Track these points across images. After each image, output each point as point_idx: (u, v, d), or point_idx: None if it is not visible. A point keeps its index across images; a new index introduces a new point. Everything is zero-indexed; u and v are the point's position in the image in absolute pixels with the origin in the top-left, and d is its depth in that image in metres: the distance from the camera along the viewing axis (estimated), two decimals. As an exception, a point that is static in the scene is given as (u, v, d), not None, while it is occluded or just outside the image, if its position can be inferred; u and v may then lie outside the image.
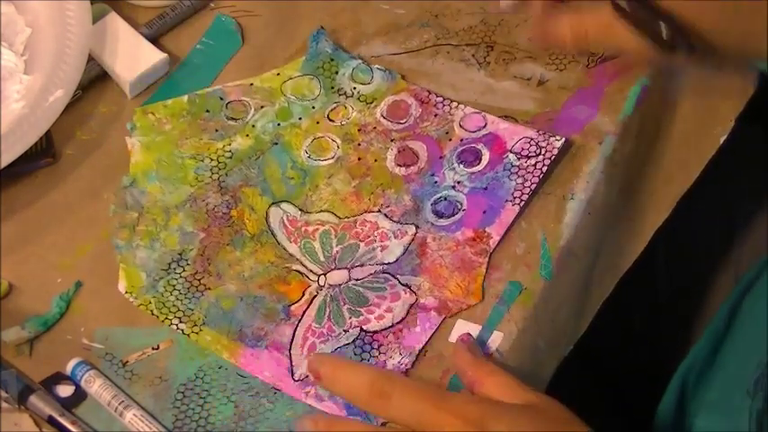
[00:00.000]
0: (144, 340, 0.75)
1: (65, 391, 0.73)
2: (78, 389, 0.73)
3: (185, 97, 0.86)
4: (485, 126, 0.81)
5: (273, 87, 0.86)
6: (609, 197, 0.81)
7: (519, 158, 0.80)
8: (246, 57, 0.88)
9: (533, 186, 0.78)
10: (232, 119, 0.85)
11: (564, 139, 0.80)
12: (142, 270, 0.78)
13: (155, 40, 0.88)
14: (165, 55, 0.86)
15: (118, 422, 0.72)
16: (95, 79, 0.86)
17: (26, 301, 0.77)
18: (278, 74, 0.86)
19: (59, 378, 0.73)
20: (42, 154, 0.82)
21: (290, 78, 0.86)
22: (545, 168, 0.79)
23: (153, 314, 0.76)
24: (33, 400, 0.71)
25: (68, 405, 0.72)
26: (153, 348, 0.75)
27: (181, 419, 0.72)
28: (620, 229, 0.83)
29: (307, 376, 0.73)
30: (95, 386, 0.72)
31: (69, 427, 0.70)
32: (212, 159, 0.83)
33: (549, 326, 0.77)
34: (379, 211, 0.79)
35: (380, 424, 0.70)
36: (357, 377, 0.68)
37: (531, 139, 0.80)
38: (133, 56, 0.86)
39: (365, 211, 0.80)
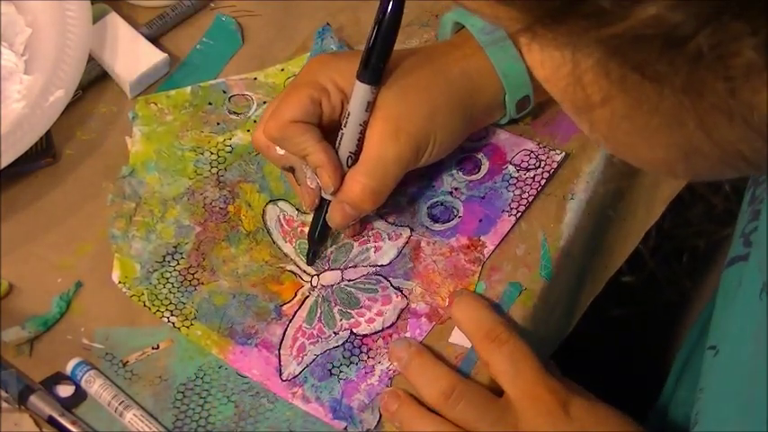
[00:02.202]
0: (144, 340, 0.75)
1: (65, 391, 0.73)
2: (78, 389, 0.73)
3: (188, 88, 0.86)
4: (486, 136, 0.81)
5: (277, 83, 0.86)
6: (607, 197, 0.81)
7: (518, 170, 0.80)
8: (246, 57, 0.88)
9: (531, 199, 0.78)
10: (234, 113, 0.85)
11: (564, 153, 0.80)
12: (137, 261, 0.78)
13: (155, 40, 0.88)
14: (165, 55, 0.86)
15: (118, 422, 0.72)
16: (95, 79, 0.86)
17: (26, 301, 0.77)
18: (282, 69, 0.86)
19: (59, 378, 0.73)
20: (42, 154, 0.82)
21: (294, 75, 0.86)
22: (543, 182, 0.79)
23: (145, 306, 0.76)
24: (33, 400, 0.71)
25: (68, 405, 0.72)
26: (153, 348, 0.75)
27: (181, 419, 0.72)
28: (613, 230, 0.83)
29: (295, 376, 0.73)
30: (95, 386, 0.73)
31: (69, 427, 0.70)
32: (212, 153, 0.83)
33: (543, 326, 0.77)
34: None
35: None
36: (437, 376, 0.71)
37: (532, 151, 0.80)
38: (133, 56, 0.86)
39: None
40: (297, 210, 0.80)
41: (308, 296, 0.76)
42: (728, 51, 0.39)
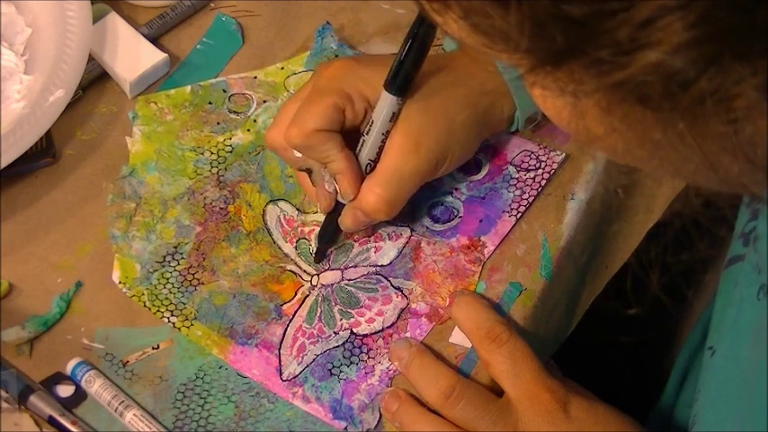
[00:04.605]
0: (144, 340, 0.75)
1: (65, 391, 0.73)
2: (78, 389, 0.73)
3: (188, 88, 0.85)
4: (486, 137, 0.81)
5: (277, 82, 0.86)
6: (608, 197, 0.81)
7: (518, 171, 0.80)
8: (247, 56, 0.88)
9: (531, 199, 0.78)
10: (234, 112, 0.85)
11: (564, 154, 0.80)
12: (137, 261, 0.78)
13: (155, 40, 0.88)
14: (165, 55, 0.86)
15: (118, 422, 0.72)
16: (95, 79, 0.86)
17: (26, 301, 0.77)
18: (282, 68, 0.86)
19: (59, 378, 0.73)
20: (42, 154, 0.82)
21: (294, 74, 0.86)
22: (544, 182, 0.79)
23: (145, 306, 0.76)
24: (33, 400, 0.71)
25: (68, 405, 0.72)
26: (153, 348, 0.75)
27: (181, 419, 0.72)
28: (614, 230, 0.83)
29: (295, 376, 0.73)
30: (95, 386, 0.72)
31: (69, 427, 0.70)
32: (212, 153, 0.83)
33: (544, 326, 0.77)
34: None
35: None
36: (437, 376, 0.71)
37: (532, 152, 0.80)
38: (133, 56, 0.86)
39: None
40: (297, 210, 0.80)
41: (308, 295, 0.76)
42: (731, 93, 0.39)
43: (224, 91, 0.85)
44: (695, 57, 0.38)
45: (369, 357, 0.74)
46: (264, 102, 0.85)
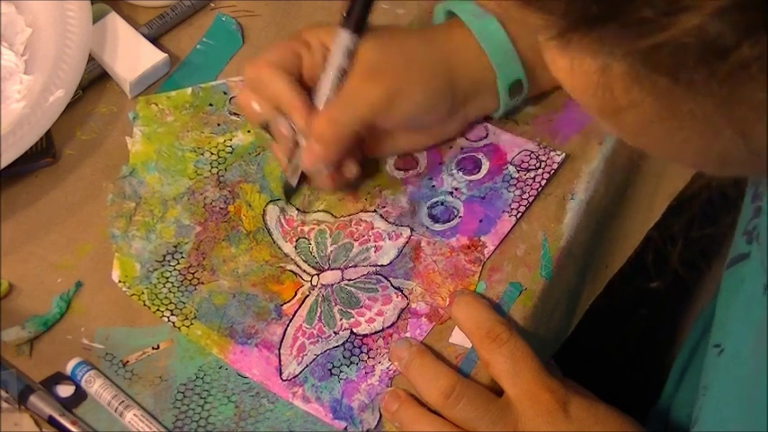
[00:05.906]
0: (144, 340, 0.75)
1: (65, 391, 0.73)
2: (78, 389, 0.73)
3: (189, 89, 0.86)
4: (486, 136, 0.81)
5: (276, 83, 0.86)
6: (608, 197, 0.81)
7: (518, 171, 0.80)
8: (247, 57, 0.88)
9: (531, 199, 0.78)
10: (234, 114, 0.85)
11: (564, 154, 0.80)
12: (137, 260, 0.78)
13: (155, 40, 0.88)
14: (166, 55, 0.86)
15: (118, 422, 0.72)
16: (95, 79, 0.86)
17: (26, 301, 0.77)
18: (282, 69, 0.87)
19: (59, 378, 0.73)
20: (42, 154, 0.82)
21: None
22: (544, 182, 0.79)
23: (145, 305, 0.76)
24: (33, 400, 0.71)
25: (68, 405, 0.72)
26: (153, 348, 0.75)
27: (181, 419, 0.72)
28: (614, 229, 0.83)
29: (295, 376, 0.73)
30: (95, 386, 0.73)
31: (69, 427, 0.70)
32: (212, 153, 0.83)
33: (544, 326, 0.77)
34: (375, 211, 0.79)
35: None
36: (437, 376, 0.71)
37: (532, 152, 0.80)
38: (133, 56, 0.86)
39: (361, 211, 0.80)
40: (297, 210, 0.80)
41: (308, 295, 0.76)
42: None
43: (224, 93, 0.85)
44: (736, 22, 0.38)
45: (369, 357, 0.74)
46: (264, 102, 0.85)
